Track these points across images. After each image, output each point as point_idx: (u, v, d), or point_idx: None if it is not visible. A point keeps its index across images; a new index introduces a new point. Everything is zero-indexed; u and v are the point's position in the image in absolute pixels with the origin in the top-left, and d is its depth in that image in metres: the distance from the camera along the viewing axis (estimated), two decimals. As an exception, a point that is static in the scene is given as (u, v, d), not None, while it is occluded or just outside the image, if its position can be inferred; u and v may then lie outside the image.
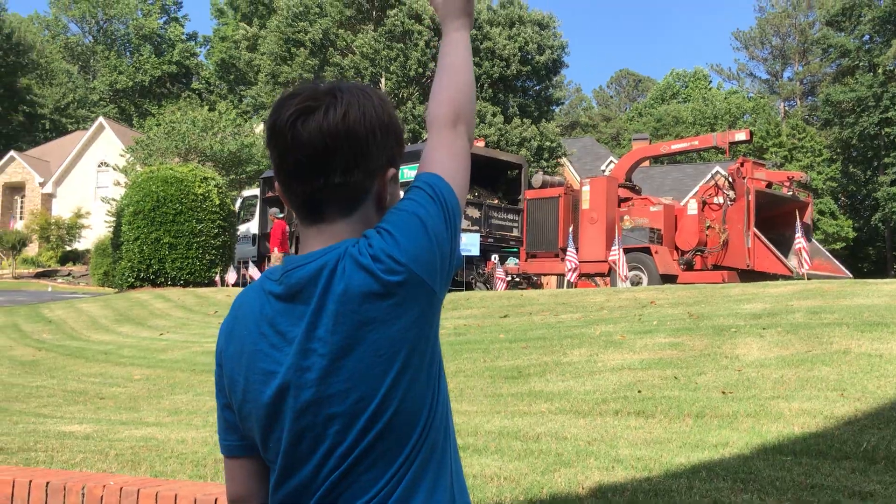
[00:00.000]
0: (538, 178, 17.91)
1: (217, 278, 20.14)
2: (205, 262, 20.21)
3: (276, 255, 18.71)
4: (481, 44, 37.80)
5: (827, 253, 16.02)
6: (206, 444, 5.10)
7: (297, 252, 1.33)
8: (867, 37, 46.62)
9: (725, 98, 58.26)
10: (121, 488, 3.43)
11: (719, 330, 7.21)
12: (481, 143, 19.13)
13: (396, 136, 1.31)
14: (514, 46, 38.01)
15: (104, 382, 8.64)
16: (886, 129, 44.24)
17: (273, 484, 1.27)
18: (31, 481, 3.58)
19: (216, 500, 3.27)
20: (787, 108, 58.17)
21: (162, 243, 19.77)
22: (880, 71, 45.41)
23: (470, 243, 14.67)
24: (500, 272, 14.03)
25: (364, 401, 1.19)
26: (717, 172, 16.13)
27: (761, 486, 3.88)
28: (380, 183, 1.29)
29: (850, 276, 14.92)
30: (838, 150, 48.33)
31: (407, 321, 1.20)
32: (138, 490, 3.39)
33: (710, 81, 64.88)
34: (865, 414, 4.81)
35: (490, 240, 17.44)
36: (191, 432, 5.65)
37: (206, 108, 39.93)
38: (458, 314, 10.63)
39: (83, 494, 3.51)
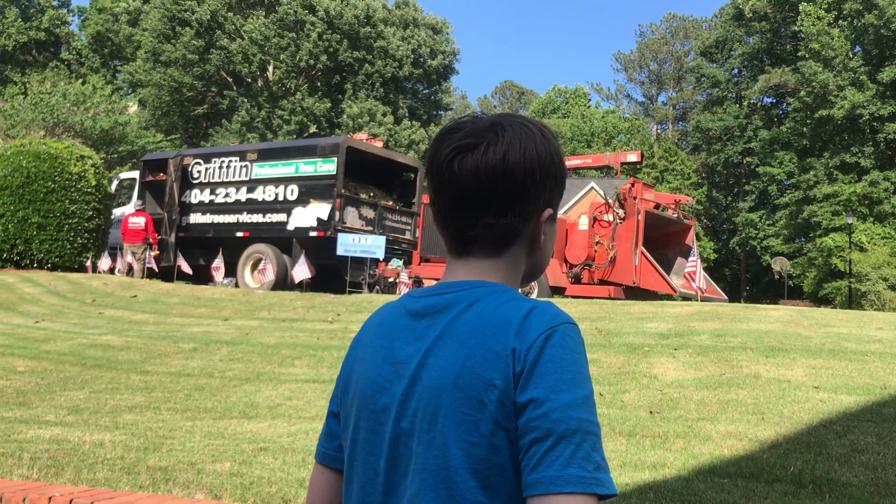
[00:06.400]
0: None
1: (88, 264, 19.05)
2: (76, 245, 19.08)
3: (139, 249, 17.79)
4: (375, 42, 37.66)
5: (706, 275, 16.89)
6: (129, 449, 4.80)
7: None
8: (736, 70, 49.65)
9: (603, 117, 60.50)
10: (70, 500, 3.16)
11: (632, 348, 7.45)
12: (380, 143, 18.98)
13: (557, 176, 1.26)
14: (408, 48, 38.09)
15: (-17, 374, 7.98)
16: (748, 159, 47.27)
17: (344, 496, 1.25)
18: (-41, 492, 3.24)
19: (183, 517, 3.07)
20: (659, 131, 61.07)
21: (30, 223, 18.52)
22: (746, 103, 48.46)
23: (375, 245, 14.52)
24: (403, 277, 13.97)
25: None
26: (593, 188, 16.70)
27: (708, 508, 4.02)
28: (534, 225, 1.24)
29: (726, 298, 15.80)
30: (704, 175, 51.19)
31: None
32: (91, 503, 3.13)
33: (590, 99, 67.28)
34: (786, 438, 5.08)
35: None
36: (105, 434, 5.30)
37: (80, 81, 37.71)
38: (364, 318, 10.49)
39: (24, 509, 3.21)
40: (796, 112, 41.43)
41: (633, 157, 17.38)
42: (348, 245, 15.04)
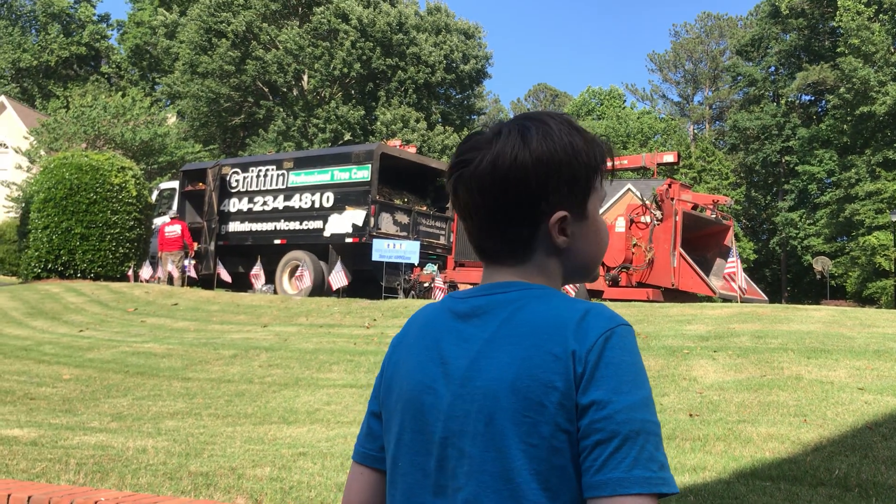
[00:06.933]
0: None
1: (130, 273, 19.39)
2: (118, 255, 19.44)
3: (176, 257, 18.10)
4: (407, 48, 37.80)
5: (746, 276, 16.66)
6: (171, 455, 4.87)
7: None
8: (773, 68, 48.94)
9: (638, 118, 60.03)
10: (114, 507, 3.22)
11: (672, 351, 7.38)
12: (413, 149, 19.05)
13: (571, 175, 1.20)
14: (440, 54, 38.17)
15: (30, 381, 8.16)
16: (787, 157, 46.54)
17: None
18: (9, 495, 3.32)
19: (224, 522, 3.11)
20: (696, 131, 60.44)
21: (73, 233, 18.92)
22: (783, 102, 47.73)
23: (409, 251, 14.57)
24: (438, 282, 14.00)
25: None
26: (629, 189, 16.57)
27: (750, 511, 3.97)
28: (547, 230, 1.20)
29: (766, 298, 15.56)
30: (742, 175, 50.51)
31: None
32: (134, 509, 3.19)
33: (625, 100, 66.78)
34: (830, 440, 5.00)
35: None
36: (147, 440, 5.39)
37: (119, 94, 38.39)
38: (400, 322, 10.55)
39: (70, 513, 3.28)
40: (836, 109, 40.69)
41: (669, 157, 17.21)
42: (383, 251, 15.11)
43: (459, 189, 1.21)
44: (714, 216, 16.09)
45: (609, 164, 1.27)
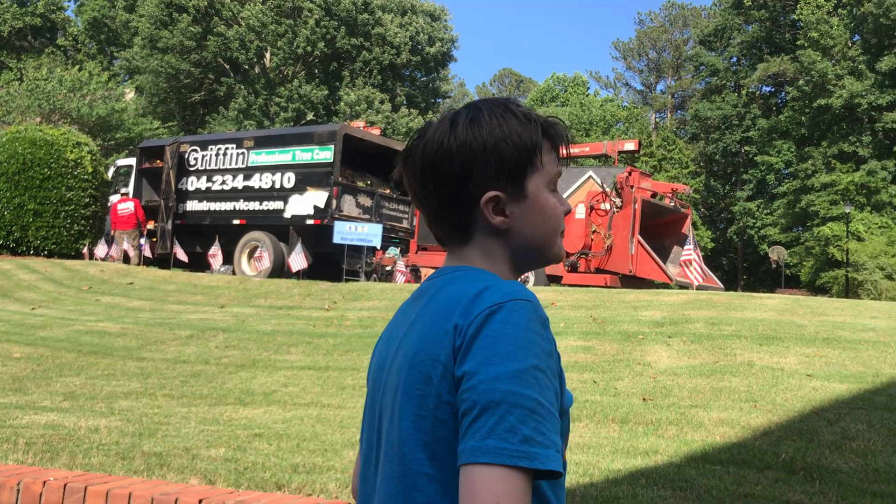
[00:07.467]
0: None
1: (85, 251, 19.05)
2: (73, 232, 19.09)
3: (131, 236, 17.87)
4: (373, 29, 37.51)
5: (702, 264, 16.91)
6: (124, 435, 4.82)
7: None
8: (735, 59, 49.55)
9: (601, 105, 60.40)
10: (64, 485, 3.18)
11: (627, 336, 7.48)
12: (377, 131, 18.95)
13: (499, 158, 1.22)
14: (406, 35, 37.96)
15: (-21, 360, 8.00)
16: (746, 148, 47.24)
17: None
18: (-46, 476, 3.26)
19: (176, 500, 3.09)
20: (658, 120, 61.00)
21: (26, 209, 18.53)
22: (744, 92, 48.39)
23: (372, 234, 14.52)
24: (400, 265, 13.97)
25: None
26: (591, 177, 16.71)
27: (699, 494, 4.05)
28: (481, 212, 1.23)
29: (722, 286, 15.82)
30: (702, 164, 51.16)
31: None
32: (85, 487, 3.15)
33: (589, 88, 67.10)
34: (778, 425, 5.12)
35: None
36: (100, 420, 5.32)
37: (76, 68, 37.56)
38: (361, 305, 10.52)
39: (18, 491, 3.23)
40: (795, 101, 41.39)
41: (630, 145, 17.38)
42: (345, 233, 15.04)
43: (404, 176, 1.28)
44: (673, 204, 16.29)
45: (552, 141, 1.28)
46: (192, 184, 18.65)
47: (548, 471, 1.00)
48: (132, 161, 21.29)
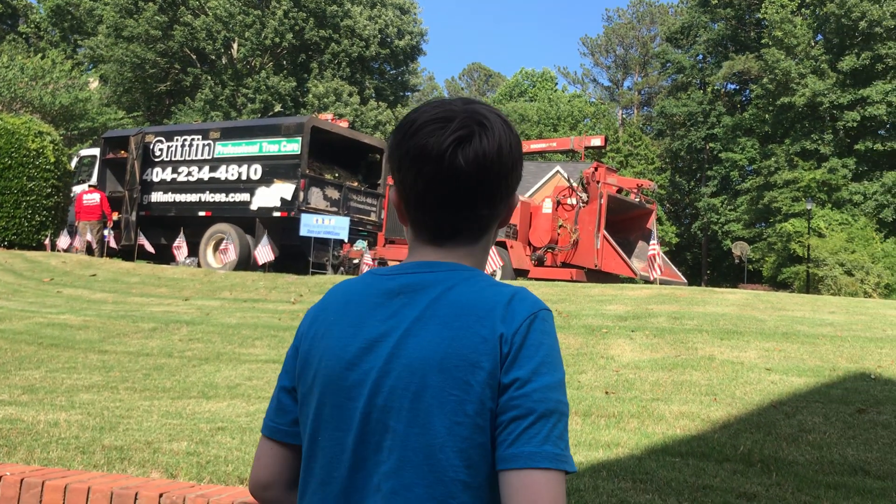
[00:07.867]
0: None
1: (47, 242, 18.75)
2: (34, 223, 18.78)
3: (95, 227, 17.66)
4: (342, 20, 37.29)
5: (666, 258, 17.11)
6: (84, 429, 4.76)
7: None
8: (701, 56, 50.06)
9: (569, 101, 60.67)
10: (21, 479, 3.14)
11: (591, 330, 7.55)
12: (345, 124, 18.85)
13: (519, 162, 1.31)
14: (375, 28, 37.80)
15: (-64, 352, 7.85)
16: (711, 144, 47.80)
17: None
18: None
19: (136, 494, 3.07)
20: (624, 116, 61.47)
21: (-15, 199, 18.19)
22: (710, 90, 48.92)
23: (339, 226, 14.46)
24: (368, 258, 13.95)
25: None
26: (558, 172, 16.82)
27: (658, 486, 4.11)
28: (507, 209, 1.30)
29: (685, 281, 16.02)
30: (667, 160, 51.67)
31: None
32: (43, 482, 3.12)
33: (557, 83, 67.36)
34: (737, 418, 5.21)
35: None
36: (60, 414, 5.26)
37: (38, 55, 36.84)
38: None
39: (-26, 487, 3.18)
40: (759, 99, 41.94)
41: (597, 141, 17.50)
42: (312, 226, 14.97)
43: (464, 163, 1.19)
44: (638, 200, 16.44)
45: None
46: (157, 175, 18.43)
47: (572, 472, 1.11)
48: (96, 151, 20.98)
